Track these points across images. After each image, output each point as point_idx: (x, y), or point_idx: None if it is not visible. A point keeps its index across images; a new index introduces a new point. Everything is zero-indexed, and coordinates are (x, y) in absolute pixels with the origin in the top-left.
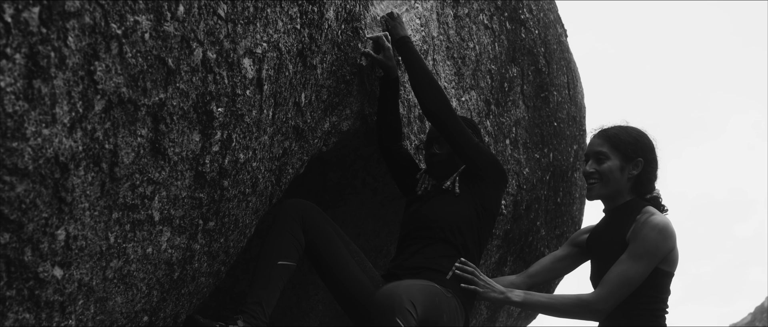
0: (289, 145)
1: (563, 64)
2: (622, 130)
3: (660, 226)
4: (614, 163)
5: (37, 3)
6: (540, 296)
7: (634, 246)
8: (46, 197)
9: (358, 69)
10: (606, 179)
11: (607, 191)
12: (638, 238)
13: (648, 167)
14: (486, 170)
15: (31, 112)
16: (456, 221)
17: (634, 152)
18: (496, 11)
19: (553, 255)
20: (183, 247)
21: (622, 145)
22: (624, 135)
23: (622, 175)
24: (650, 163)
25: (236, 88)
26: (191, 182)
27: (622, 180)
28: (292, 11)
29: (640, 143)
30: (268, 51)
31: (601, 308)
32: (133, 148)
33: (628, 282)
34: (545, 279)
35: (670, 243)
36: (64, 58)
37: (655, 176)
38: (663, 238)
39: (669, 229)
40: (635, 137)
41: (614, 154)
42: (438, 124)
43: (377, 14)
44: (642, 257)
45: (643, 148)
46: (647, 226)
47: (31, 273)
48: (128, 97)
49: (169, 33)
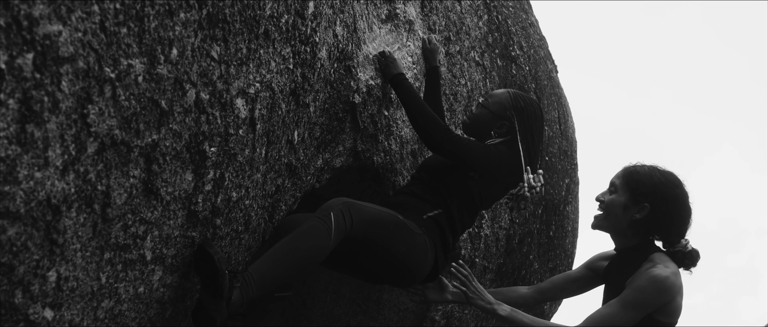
0: (282, 182)
1: (554, 99)
2: (647, 170)
3: (657, 278)
4: (618, 199)
5: (31, 49)
6: (524, 317)
7: (627, 292)
8: (37, 239)
9: (351, 106)
10: (607, 212)
11: (606, 226)
12: (632, 285)
13: (656, 216)
14: (500, 178)
15: (23, 155)
16: (437, 166)
17: (642, 195)
18: (487, 48)
19: (567, 275)
20: (175, 285)
21: (635, 185)
22: (643, 175)
23: (624, 214)
24: (660, 214)
25: (229, 128)
26: (184, 221)
27: (624, 220)
28: (284, 52)
29: (657, 190)
30: (261, 91)
31: None
32: (126, 189)
33: (609, 326)
34: (556, 297)
35: (665, 296)
36: (57, 102)
37: (673, 230)
38: (657, 291)
39: (666, 283)
40: (656, 182)
41: (623, 190)
42: (445, 156)
43: (369, 53)
44: (631, 306)
45: (655, 195)
46: (644, 276)
47: (21, 315)
48: (121, 138)
49: (162, 75)
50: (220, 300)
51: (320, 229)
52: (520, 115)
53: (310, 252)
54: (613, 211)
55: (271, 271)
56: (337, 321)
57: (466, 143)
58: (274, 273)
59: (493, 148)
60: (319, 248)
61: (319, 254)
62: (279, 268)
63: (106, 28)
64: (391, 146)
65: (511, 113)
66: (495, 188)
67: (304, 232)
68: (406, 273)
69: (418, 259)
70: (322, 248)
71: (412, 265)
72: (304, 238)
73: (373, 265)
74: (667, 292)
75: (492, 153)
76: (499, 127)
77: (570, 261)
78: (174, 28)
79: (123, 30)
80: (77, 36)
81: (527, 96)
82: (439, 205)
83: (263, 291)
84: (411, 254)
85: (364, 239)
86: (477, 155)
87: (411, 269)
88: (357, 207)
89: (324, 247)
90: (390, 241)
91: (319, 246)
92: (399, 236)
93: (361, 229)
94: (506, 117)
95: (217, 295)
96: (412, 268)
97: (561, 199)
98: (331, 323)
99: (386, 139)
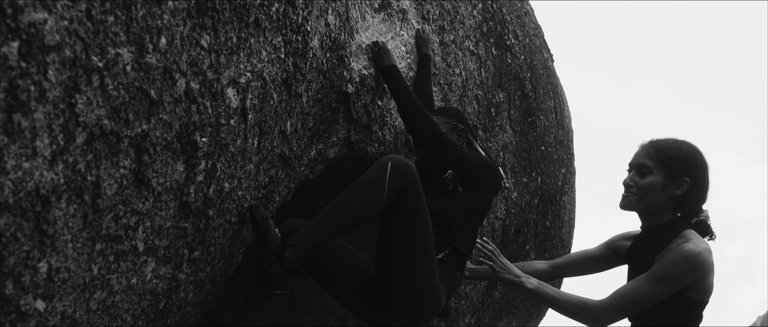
0: (276, 173)
1: (550, 88)
2: (674, 145)
3: (689, 254)
4: (657, 180)
5: (16, 37)
6: (550, 289)
7: (656, 268)
8: (27, 230)
9: (344, 96)
10: (643, 194)
11: (642, 207)
12: (662, 260)
13: (695, 189)
14: (483, 180)
15: (10, 145)
16: (449, 214)
17: (681, 171)
18: (482, 37)
19: (586, 252)
20: (168, 276)
21: (670, 161)
22: (674, 150)
23: (663, 193)
24: (699, 185)
25: (220, 118)
26: (176, 212)
27: (662, 198)
28: (275, 41)
29: (690, 161)
30: (252, 81)
31: (600, 317)
32: (116, 180)
33: (636, 300)
34: (572, 274)
35: (698, 273)
36: (44, 91)
37: (702, 199)
38: (689, 267)
39: (699, 259)
40: (687, 154)
41: (659, 169)
42: (432, 152)
43: (362, 42)
44: (659, 281)
45: (692, 167)
46: (676, 251)
47: (12, 306)
48: (110, 128)
49: (151, 65)
50: (269, 255)
51: (375, 183)
52: (460, 119)
53: (363, 209)
54: (651, 193)
55: (324, 229)
56: (333, 313)
57: (454, 142)
58: (327, 230)
59: (472, 152)
60: (371, 204)
61: (372, 210)
62: (332, 225)
63: (93, 17)
64: (385, 136)
65: (455, 121)
66: (482, 196)
67: (357, 187)
68: (423, 299)
69: (438, 290)
70: (374, 204)
71: (432, 289)
72: (357, 195)
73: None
74: (700, 269)
75: (474, 155)
76: (459, 135)
77: (567, 251)
78: (162, 16)
79: (110, 18)
80: (63, 24)
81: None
82: (443, 248)
83: (318, 248)
84: (432, 279)
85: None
86: (465, 154)
87: (429, 294)
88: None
89: (377, 202)
90: (423, 251)
91: (372, 202)
92: (430, 251)
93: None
94: (453, 125)
95: (265, 251)
96: (430, 293)
97: (557, 189)
98: (328, 315)
99: (380, 129)
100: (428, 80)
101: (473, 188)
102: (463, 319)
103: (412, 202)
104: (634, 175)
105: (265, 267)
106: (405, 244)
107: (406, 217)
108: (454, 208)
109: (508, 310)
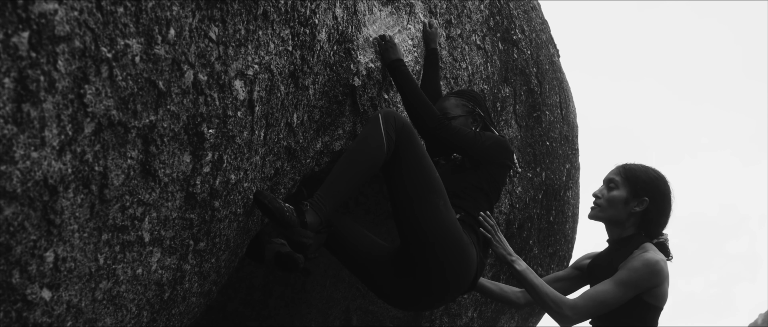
0: (281, 165)
1: (555, 84)
2: (642, 168)
3: (650, 260)
4: (621, 195)
5: (26, 28)
6: (535, 277)
7: (621, 272)
8: (34, 219)
9: (351, 89)
10: (608, 206)
11: (605, 216)
12: (626, 266)
13: (654, 209)
14: (493, 158)
15: (19, 135)
16: (465, 188)
17: (643, 190)
18: (488, 32)
19: (555, 275)
20: (173, 267)
21: (635, 180)
22: (641, 172)
23: (625, 207)
24: (659, 208)
25: (227, 110)
26: (182, 203)
27: (624, 212)
28: (283, 33)
29: (653, 184)
30: (260, 73)
31: (568, 316)
32: (123, 170)
33: (602, 302)
34: None
35: (655, 279)
36: (53, 81)
37: (662, 222)
38: (649, 272)
39: (657, 267)
40: (652, 178)
41: (625, 185)
42: (439, 143)
43: (370, 35)
44: (623, 284)
45: (653, 189)
46: (638, 258)
47: (18, 295)
48: (118, 119)
49: (159, 56)
50: (293, 227)
51: (372, 134)
52: (478, 103)
53: (368, 159)
54: (614, 205)
55: (336, 187)
56: (336, 304)
57: (459, 129)
58: (340, 188)
59: (482, 133)
60: (375, 151)
61: (376, 157)
62: (343, 181)
63: (103, 8)
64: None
65: (473, 105)
66: (494, 171)
67: (357, 143)
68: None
69: (467, 250)
70: (377, 150)
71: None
72: (359, 149)
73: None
74: (658, 276)
75: (484, 136)
76: (475, 119)
77: (570, 246)
78: (171, 7)
79: (119, 9)
80: (73, 15)
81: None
82: (459, 209)
83: (337, 205)
84: (457, 234)
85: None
86: (471, 139)
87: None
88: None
89: (379, 147)
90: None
91: (375, 148)
92: (441, 191)
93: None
94: (470, 109)
95: (288, 226)
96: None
97: (561, 184)
98: (331, 306)
99: None
100: (436, 74)
101: (485, 166)
102: (466, 313)
103: (409, 146)
104: (603, 188)
105: (297, 239)
106: (415, 186)
107: (406, 161)
108: (469, 180)
109: (510, 308)
